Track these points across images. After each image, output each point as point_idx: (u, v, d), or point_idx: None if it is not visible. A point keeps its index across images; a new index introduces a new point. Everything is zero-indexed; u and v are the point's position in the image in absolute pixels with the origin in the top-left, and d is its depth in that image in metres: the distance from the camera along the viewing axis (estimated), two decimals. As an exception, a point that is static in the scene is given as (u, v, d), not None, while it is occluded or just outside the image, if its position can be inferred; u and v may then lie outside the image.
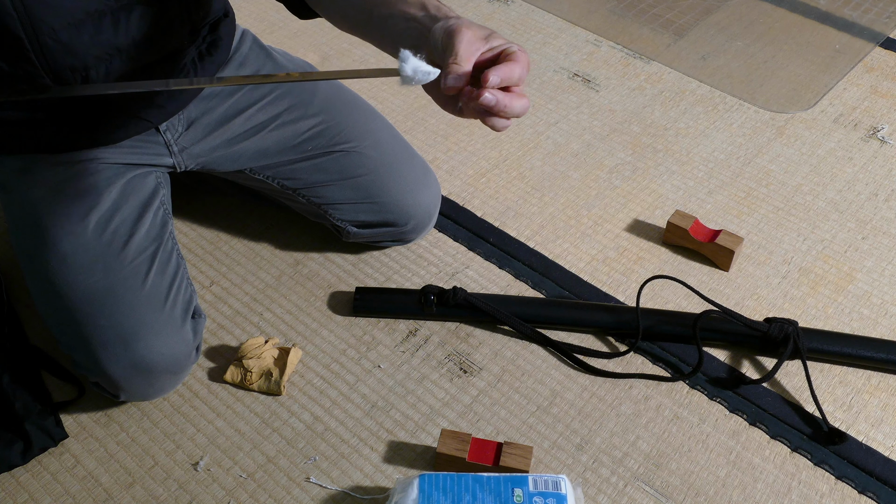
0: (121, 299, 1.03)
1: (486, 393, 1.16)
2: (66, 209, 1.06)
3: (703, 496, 1.06)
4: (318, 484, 1.05)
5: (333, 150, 1.23)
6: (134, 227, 1.08)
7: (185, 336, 1.08)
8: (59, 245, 1.04)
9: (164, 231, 1.12)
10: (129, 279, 1.05)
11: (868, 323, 1.27)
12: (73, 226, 1.05)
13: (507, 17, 1.92)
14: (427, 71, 0.75)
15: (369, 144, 1.24)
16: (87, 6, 0.94)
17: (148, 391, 1.09)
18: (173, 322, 1.06)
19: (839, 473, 1.09)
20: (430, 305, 1.21)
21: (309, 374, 1.18)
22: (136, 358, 1.02)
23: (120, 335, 1.02)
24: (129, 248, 1.06)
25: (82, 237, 1.05)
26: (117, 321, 1.02)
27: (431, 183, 1.29)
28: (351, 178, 1.23)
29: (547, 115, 1.64)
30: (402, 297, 1.25)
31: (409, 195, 1.25)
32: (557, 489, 0.99)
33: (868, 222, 1.44)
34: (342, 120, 1.24)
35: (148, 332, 1.03)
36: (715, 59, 1.82)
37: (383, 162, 1.24)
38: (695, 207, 1.45)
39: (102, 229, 1.06)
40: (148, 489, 1.04)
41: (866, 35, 1.91)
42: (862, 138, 1.62)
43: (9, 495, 1.03)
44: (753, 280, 1.33)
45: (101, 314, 1.02)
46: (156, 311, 1.05)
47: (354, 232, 1.27)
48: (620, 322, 1.23)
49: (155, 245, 1.09)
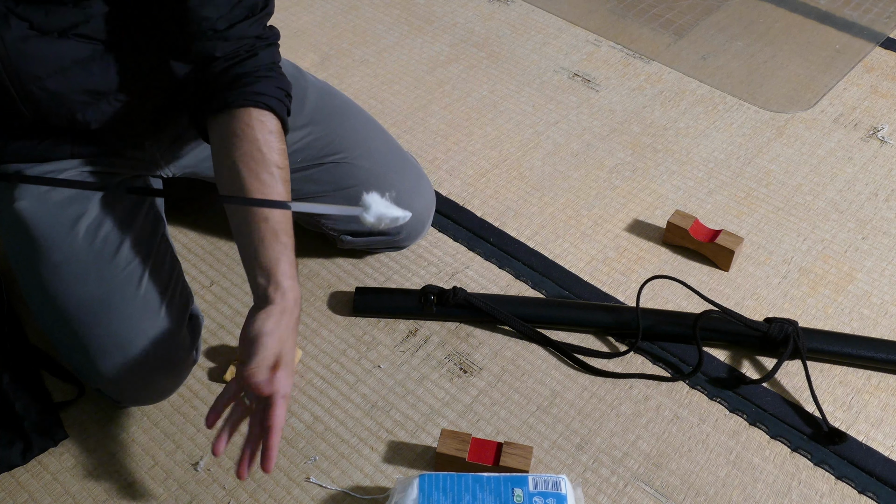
0: (115, 308, 1.02)
1: (486, 393, 1.16)
2: (55, 218, 1.05)
3: (703, 496, 1.06)
4: (318, 484, 1.05)
5: (324, 161, 1.21)
6: (124, 232, 1.07)
7: (183, 340, 1.07)
8: (51, 255, 1.03)
9: (155, 233, 1.11)
10: (123, 287, 1.03)
11: (868, 323, 1.27)
12: (63, 235, 1.04)
13: (507, 17, 1.92)
14: (395, 217, 0.72)
15: (360, 154, 1.22)
16: (74, 54, 0.94)
17: (149, 396, 1.08)
18: (169, 326, 1.05)
19: (839, 473, 1.09)
20: (430, 305, 1.21)
21: (309, 374, 1.18)
22: (134, 365, 1.02)
23: (117, 343, 1.01)
24: (120, 255, 1.05)
25: (73, 246, 1.04)
26: (113, 330, 1.01)
27: (424, 191, 1.27)
28: (342, 189, 1.21)
29: (547, 115, 1.64)
30: (403, 296, 1.25)
31: (401, 204, 1.22)
32: (557, 489, 0.99)
33: (868, 222, 1.44)
34: (332, 130, 1.22)
35: (144, 339, 1.02)
36: (715, 59, 1.82)
37: (374, 172, 1.22)
38: (695, 207, 1.45)
39: (93, 237, 1.05)
40: (148, 489, 1.04)
41: (866, 35, 1.91)
42: (862, 138, 1.62)
43: (9, 495, 1.03)
44: (753, 280, 1.33)
45: (96, 323, 1.01)
46: (151, 316, 1.04)
47: (348, 240, 1.26)
48: (621, 322, 1.23)
49: (147, 249, 1.08)
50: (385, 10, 1.92)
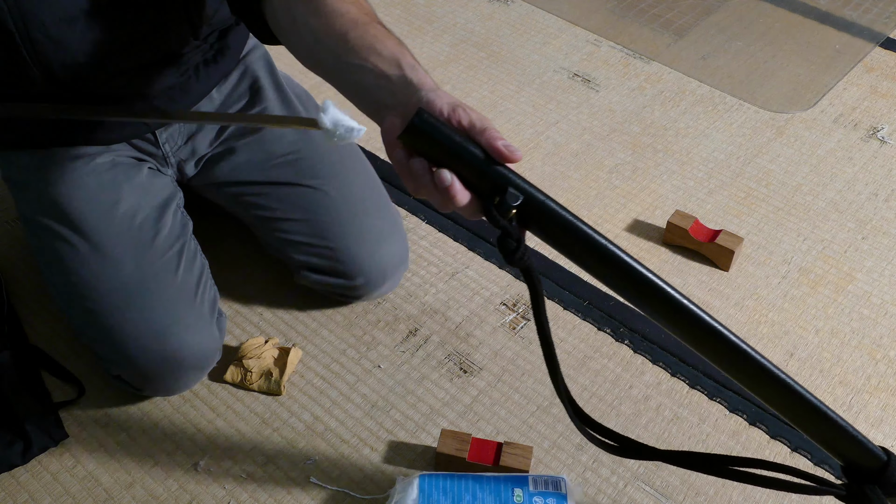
0: (153, 293, 1.03)
1: (486, 393, 1.16)
2: (93, 202, 1.06)
3: (703, 496, 1.06)
4: (318, 484, 1.05)
5: (301, 183, 1.18)
6: (157, 224, 1.09)
7: (214, 332, 1.08)
8: (93, 235, 1.04)
9: (185, 231, 1.12)
10: (160, 273, 1.05)
11: (868, 323, 1.27)
12: (100, 218, 1.05)
13: (507, 17, 1.92)
14: (350, 126, 0.67)
15: (336, 186, 1.19)
16: (80, 2, 0.93)
17: (174, 385, 1.09)
18: (203, 318, 1.07)
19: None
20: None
21: (309, 374, 1.18)
22: (168, 352, 1.03)
23: (152, 329, 1.02)
24: (157, 243, 1.07)
25: (111, 228, 1.05)
26: (149, 315, 1.02)
27: (395, 240, 1.20)
28: (311, 220, 1.17)
29: (547, 115, 1.64)
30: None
31: (364, 247, 1.17)
32: (557, 489, 0.99)
33: (868, 222, 1.44)
34: (317, 155, 1.20)
35: (180, 327, 1.03)
36: (715, 59, 1.82)
37: (345, 208, 1.18)
38: (695, 207, 1.45)
39: (130, 222, 1.06)
40: (148, 489, 1.04)
41: (866, 35, 1.91)
42: (862, 138, 1.62)
43: (9, 495, 1.03)
44: (753, 280, 1.33)
45: (131, 307, 1.02)
46: (187, 306, 1.05)
47: (304, 275, 1.20)
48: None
49: (180, 243, 1.10)
50: (385, 10, 1.92)
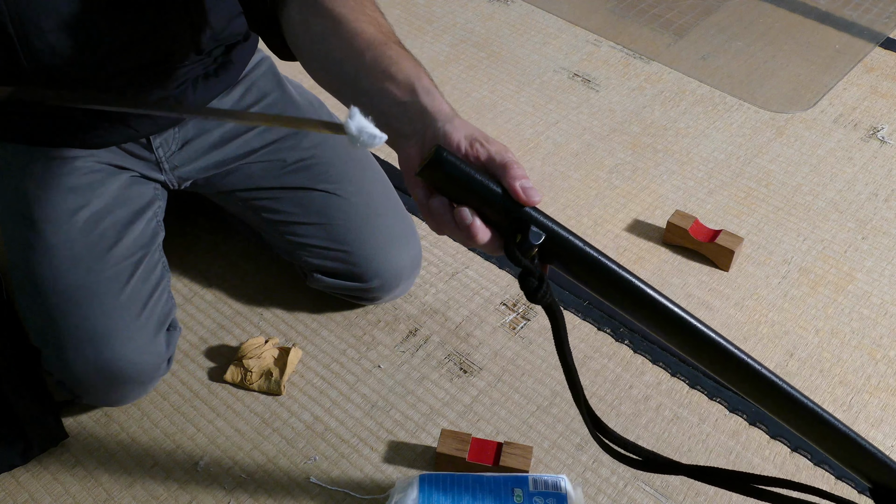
0: (97, 300, 1.02)
1: (486, 393, 1.16)
2: (57, 203, 1.06)
3: (703, 496, 1.06)
4: (318, 484, 1.05)
5: (316, 187, 1.18)
6: (123, 231, 1.07)
7: (157, 347, 1.07)
8: (47, 237, 1.04)
9: (153, 241, 1.11)
10: (109, 281, 1.04)
11: (868, 323, 1.27)
12: (63, 220, 1.05)
13: (507, 17, 1.92)
14: (373, 134, 0.68)
15: (352, 191, 1.19)
16: (78, 3, 0.92)
17: (111, 397, 1.08)
18: (146, 332, 1.05)
19: (839, 473, 1.09)
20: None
21: (309, 374, 1.18)
22: (103, 362, 1.01)
23: (90, 336, 1.01)
24: (114, 252, 1.06)
25: (70, 232, 1.04)
26: (90, 322, 1.01)
27: (410, 245, 1.21)
28: (326, 223, 1.18)
29: (547, 115, 1.64)
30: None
31: (380, 251, 1.18)
32: (557, 489, 0.99)
33: (868, 222, 1.44)
34: (333, 160, 1.20)
35: (118, 338, 1.02)
36: (715, 59, 1.82)
37: (360, 212, 1.18)
38: (695, 207, 1.45)
39: (91, 228, 1.06)
40: (148, 489, 1.04)
41: (866, 35, 1.91)
42: (862, 138, 1.62)
43: (9, 495, 1.03)
44: (753, 280, 1.33)
45: (76, 312, 1.01)
46: (131, 317, 1.04)
47: (317, 278, 1.21)
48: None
49: (142, 253, 1.08)
50: (385, 11, 1.90)
